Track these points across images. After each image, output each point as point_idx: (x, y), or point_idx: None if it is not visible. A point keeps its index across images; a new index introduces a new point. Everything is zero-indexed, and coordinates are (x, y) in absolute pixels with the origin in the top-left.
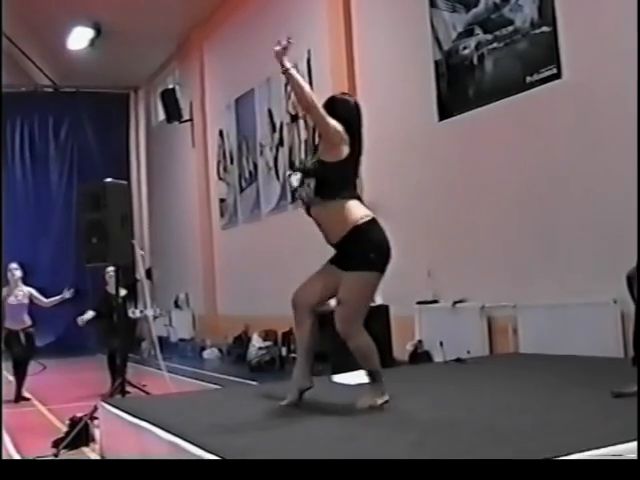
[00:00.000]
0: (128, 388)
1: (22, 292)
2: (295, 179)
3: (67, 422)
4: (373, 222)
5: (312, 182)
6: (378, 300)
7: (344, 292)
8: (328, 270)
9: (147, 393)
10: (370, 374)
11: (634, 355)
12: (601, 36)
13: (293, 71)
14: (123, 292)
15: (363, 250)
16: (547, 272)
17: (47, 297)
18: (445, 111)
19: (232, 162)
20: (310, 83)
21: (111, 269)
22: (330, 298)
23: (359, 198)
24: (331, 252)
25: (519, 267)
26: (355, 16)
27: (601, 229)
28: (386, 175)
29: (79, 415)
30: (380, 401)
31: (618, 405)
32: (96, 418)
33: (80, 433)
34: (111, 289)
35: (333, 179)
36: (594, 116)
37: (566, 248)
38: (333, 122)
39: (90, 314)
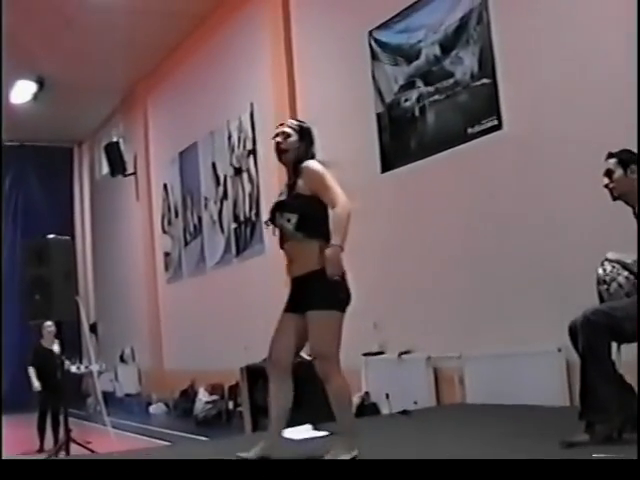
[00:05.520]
0: (72, 445)
1: None
2: (293, 221)
3: None
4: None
5: (294, 217)
6: None
7: (320, 331)
8: (291, 319)
9: (92, 451)
10: (343, 421)
11: (581, 410)
12: (540, 88)
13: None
14: (57, 348)
15: (334, 288)
16: (492, 321)
17: None
18: (388, 163)
19: (177, 216)
20: (253, 135)
21: (49, 323)
22: (301, 348)
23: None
24: (277, 303)
25: (465, 317)
26: (298, 69)
27: (545, 278)
28: None
29: None
30: (351, 454)
31: (567, 455)
32: None
33: None
34: (46, 343)
35: (315, 213)
36: (536, 165)
37: (511, 297)
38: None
39: (32, 371)
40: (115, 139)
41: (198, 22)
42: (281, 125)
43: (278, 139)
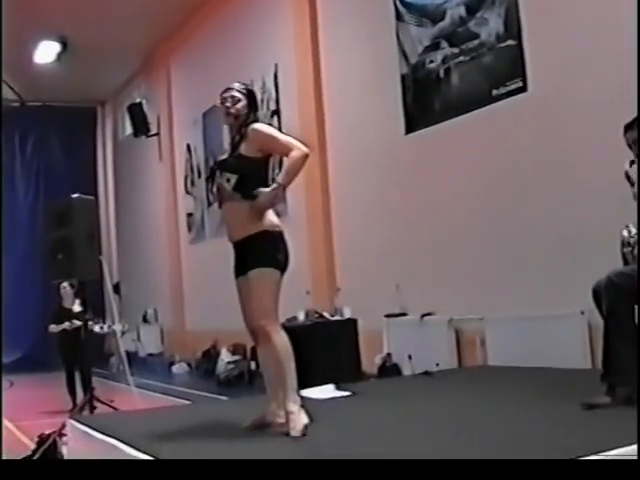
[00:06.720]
0: (96, 404)
1: None
2: (232, 181)
3: (35, 439)
4: (282, 234)
5: (234, 178)
6: (346, 314)
7: (258, 288)
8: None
9: (115, 409)
10: (285, 381)
11: (603, 372)
12: (566, 49)
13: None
14: (78, 308)
15: (271, 250)
16: (514, 284)
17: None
18: (412, 124)
19: (199, 176)
20: (277, 97)
21: (65, 284)
22: None
23: None
24: (298, 262)
25: (487, 280)
26: (322, 30)
27: (567, 241)
28: (353, 188)
29: (47, 432)
30: (300, 426)
31: (588, 416)
32: (65, 435)
33: (48, 450)
34: (66, 304)
35: (254, 176)
36: (560, 128)
37: (533, 260)
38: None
39: (53, 327)
40: (138, 100)
41: None
42: (229, 90)
43: (227, 104)
